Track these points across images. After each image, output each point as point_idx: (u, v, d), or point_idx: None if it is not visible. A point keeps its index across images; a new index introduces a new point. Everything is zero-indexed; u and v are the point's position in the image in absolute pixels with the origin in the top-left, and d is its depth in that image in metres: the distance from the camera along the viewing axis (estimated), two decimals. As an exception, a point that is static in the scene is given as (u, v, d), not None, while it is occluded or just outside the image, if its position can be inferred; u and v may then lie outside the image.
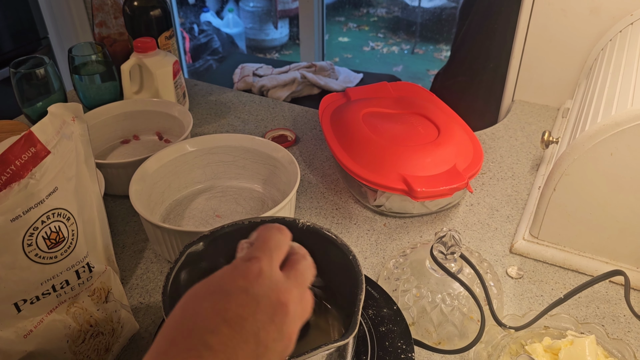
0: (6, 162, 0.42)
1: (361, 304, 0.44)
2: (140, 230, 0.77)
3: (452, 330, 0.58)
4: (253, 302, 0.34)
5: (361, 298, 0.45)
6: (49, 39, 1.91)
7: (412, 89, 0.96)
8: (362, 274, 0.47)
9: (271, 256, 0.38)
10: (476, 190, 0.83)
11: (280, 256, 0.39)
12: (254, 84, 2.15)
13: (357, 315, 0.44)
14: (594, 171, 0.63)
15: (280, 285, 0.36)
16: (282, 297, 0.36)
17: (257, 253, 0.37)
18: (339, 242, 0.50)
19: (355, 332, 0.43)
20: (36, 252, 0.46)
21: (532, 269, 0.70)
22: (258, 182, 0.83)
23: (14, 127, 0.92)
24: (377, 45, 3.45)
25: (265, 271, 0.36)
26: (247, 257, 0.37)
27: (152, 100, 0.94)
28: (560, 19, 0.95)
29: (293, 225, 0.50)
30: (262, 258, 0.37)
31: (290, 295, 0.36)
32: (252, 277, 0.35)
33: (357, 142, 0.79)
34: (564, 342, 0.54)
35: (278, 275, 0.37)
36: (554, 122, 0.99)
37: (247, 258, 0.37)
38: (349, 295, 0.46)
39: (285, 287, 0.36)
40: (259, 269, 0.36)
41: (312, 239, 0.49)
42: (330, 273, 0.51)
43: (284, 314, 0.35)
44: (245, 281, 0.35)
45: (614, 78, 0.72)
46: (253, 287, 0.35)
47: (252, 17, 3.36)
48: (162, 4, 1.00)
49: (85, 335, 0.52)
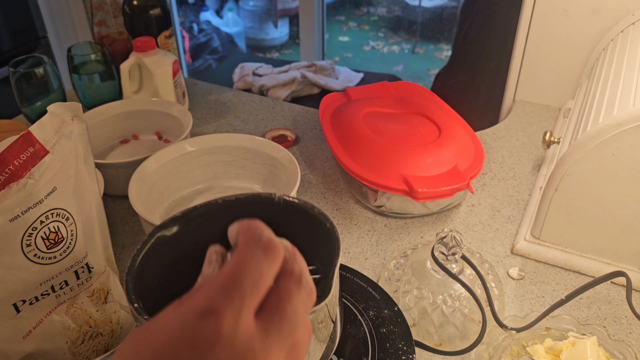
0: (5, 162, 0.42)
1: (336, 269, 0.42)
2: (139, 231, 0.77)
3: (453, 331, 0.58)
4: None
5: (336, 262, 0.42)
6: (48, 38, 1.91)
7: (413, 88, 0.95)
8: (339, 240, 0.44)
9: (240, 305, 0.26)
10: (477, 191, 0.83)
11: (258, 299, 0.27)
12: (254, 84, 2.15)
13: (331, 280, 0.40)
14: (596, 171, 0.63)
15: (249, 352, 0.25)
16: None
17: (219, 301, 0.26)
18: (316, 211, 0.47)
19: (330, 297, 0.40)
20: (35, 253, 0.45)
21: (534, 270, 0.70)
22: (258, 182, 0.82)
23: (13, 126, 0.91)
24: (377, 45, 3.45)
25: (226, 333, 0.25)
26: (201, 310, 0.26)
27: (151, 100, 0.94)
28: (561, 19, 0.95)
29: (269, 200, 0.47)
30: (225, 312, 0.25)
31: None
32: (205, 346, 0.25)
33: (358, 142, 0.78)
34: (565, 343, 0.53)
35: (246, 336, 0.26)
36: (556, 122, 0.99)
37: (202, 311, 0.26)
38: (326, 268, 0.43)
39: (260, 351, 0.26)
40: (216, 330, 0.25)
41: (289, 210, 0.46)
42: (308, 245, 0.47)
43: None
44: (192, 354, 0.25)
45: (616, 78, 0.71)
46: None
47: (252, 16, 3.36)
48: (161, 3, 1.00)
49: (84, 336, 0.52)
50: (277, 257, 0.29)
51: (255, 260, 0.27)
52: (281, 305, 0.27)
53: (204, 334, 0.25)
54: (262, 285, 0.27)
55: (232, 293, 0.26)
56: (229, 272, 0.27)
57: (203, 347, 0.25)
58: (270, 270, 0.28)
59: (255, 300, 0.27)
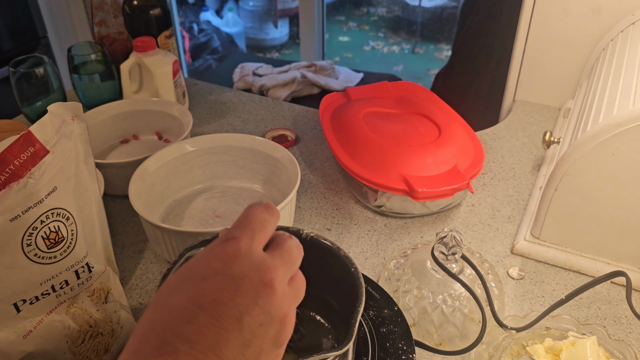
0: (5, 162, 0.42)
1: (359, 316, 0.43)
2: (139, 231, 0.77)
3: (453, 331, 0.58)
4: (231, 285, 0.31)
5: (359, 310, 0.44)
6: (48, 38, 1.91)
7: (413, 88, 0.95)
8: (362, 287, 0.46)
9: (252, 236, 0.34)
10: (477, 191, 0.83)
11: (265, 237, 0.36)
12: (254, 84, 2.15)
13: (353, 327, 0.42)
14: (596, 171, 0.63)
15: (262, 264, 0.33)
16: (266, 276, 0.32)
17: (236, 232, 0.34)
18: (342, 254, 0.49)
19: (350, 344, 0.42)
20: (35, 252, 0.45)
21: (534, 270, 0.70)
22: (258, 182, 0.82)
23: (13, 126, 0.92)
24: (377, 45, 3.45)
25: (244, 250, 0.33)
26: (224, 238, 0.34)
27: (151, 100, 0.94)
28: (561, 19, 0.95)
29: (297, 235, 0.50)
30: (241, 237, 0.34)
31: (275, 274, 0.33)
32: (229, 258, 0.32)
33: (358, 142, 0.78)
34: (565, 343, 0.53)
35: (260, 254, 0.34)
36: (556, 122, 0.99)
37: (225, 238, 0.34)
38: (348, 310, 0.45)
39: (269, 266, 0.33)
40: (236, 248, 0.33)
41: (315, 249, 0.48)
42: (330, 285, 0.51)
43: (269, 295, 0.32)
44: (221, 263, 0.32)
45: (616, 78, 0.71)
46: (230, 268, 0.32)
47: (252, 16, 3.36)
48: (161, 3, 1.00)
49: (84, 336, 0.52)
50: (275, 212, 0.37)
51: (260, 211, 0.36)
52: (280, 244, 0.36)
53: (228, 251, 0.33)
54: (267, 226, 0.36)
55: (246, 228, 0.35)
56: (242, 217, 0.36)
57: (228, 258, 0.33)
58: (272, 220, 0.37)
59: (263, 236, 0.35)
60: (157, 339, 0.29)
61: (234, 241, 0.33)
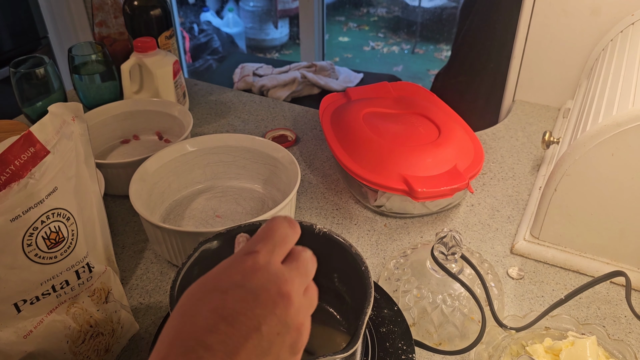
0: (5, 162, 0.42)
1: (366, 318, 0.44)
2: (140, 231, 0.77)
3: (452, 331, 0.58)
4: (251, 296, 0.33)
5: (367, 312, 0.44)
6: (49, 39, 1.91)
7: (413, 88, 0.96)
8: (371, 287, 0.46)
9: (272, 249, 0.36)
10: (477, 191, 0.83)
11: (284, 251, 0.37)
12: (254, 84, 2.15)
13: (360, 329, 0.43)
14: (595, 172, 0.63)
15: (280, 276, 0.35)
16: (283, 288, 0.34)
17: (257, 246, 0.36)
18: (354, 251, 0.50)
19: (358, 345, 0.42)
20: (36, 252, 0.45)
21: (533, 270, 0.70)
22: (258, 182, 0.83)
23: (14, 126, 0.92)
24: (377, 45, 3.45)
25: (262, 264, 0.35)
26: (245, 251, 0.36)
27: (152, 100, 0.94)
28: (561, 19, 0.95)
29: (309, 230, 0.51)
30: (261, 251, 0.36)
31: (292, 286, 0.35)
32: (248, 271, 0.35)
33: (358, 142, 0.79)
34: (564, 343, 0.54)
35: (277, 267, 0.36)
36: (555, 123, 0.99)
37: (245, 252, 0.36)
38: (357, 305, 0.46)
39: (286, 278, 0.35)
40: (255, 261, 0.35)
41: (327, 244, 0.49)
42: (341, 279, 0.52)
43: (286, 305, 0.34)
44: (240, 276, 0.34)
45: (615, 78, 0.71)
46: (249, 281, 0.34)
47: (252, 17, 3.36)
48: (162, 4, 1.00)
49: (85, 336, 0.52)
50: (297, 228, 0.39)
51: (284, 226, 0.38)
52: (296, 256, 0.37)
53: (247, 264, 0.35)
54: (287, 242, 0.38)
55: (267, 241, 0.37)
56: (264, 230, 0.38)
57: (247, 271, 0.35)
58: (294, 236, 0.38)
59: (282, 250, 0.37)
60: (183, 346, 0.32)
61: (253, 255, 0.36)
